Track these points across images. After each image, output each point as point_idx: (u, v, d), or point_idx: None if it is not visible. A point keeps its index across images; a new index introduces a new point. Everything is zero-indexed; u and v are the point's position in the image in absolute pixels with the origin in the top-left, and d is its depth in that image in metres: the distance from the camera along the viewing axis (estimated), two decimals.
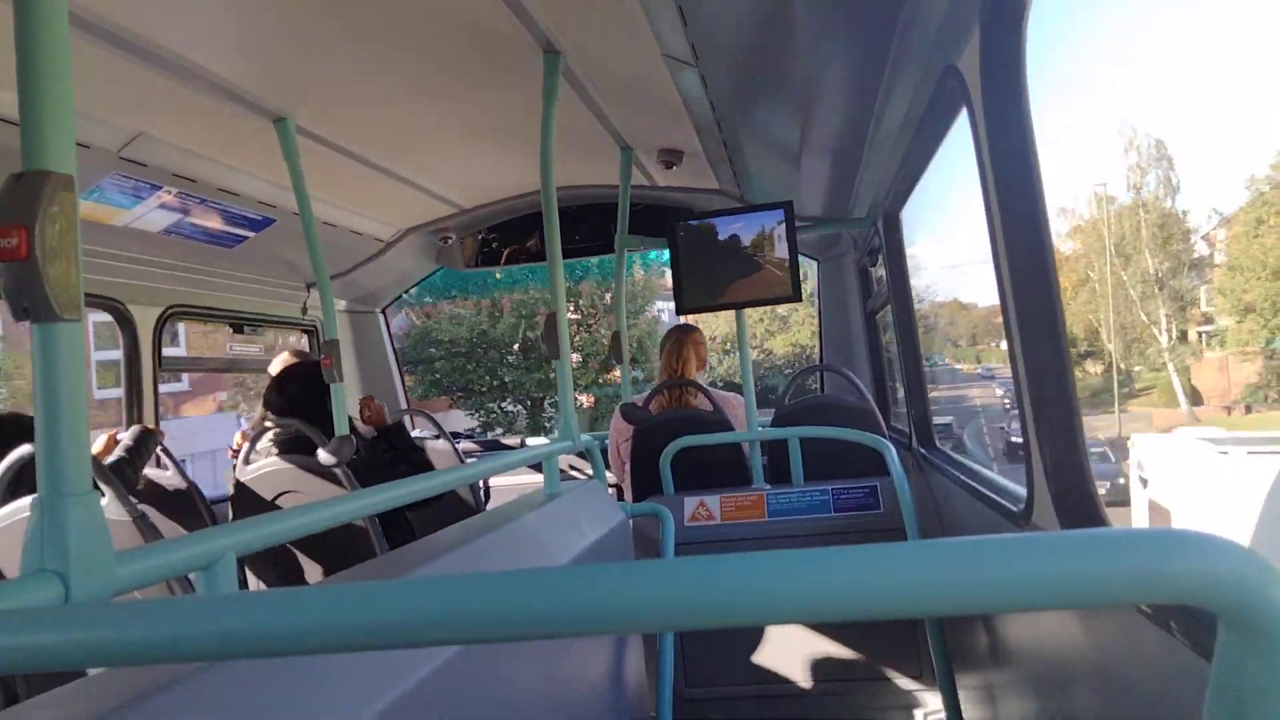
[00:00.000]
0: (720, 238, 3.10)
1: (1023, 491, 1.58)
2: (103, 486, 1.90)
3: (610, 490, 3.13)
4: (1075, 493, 1.34)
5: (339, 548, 2.35)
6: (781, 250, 3.05)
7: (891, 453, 2.82)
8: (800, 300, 3.13)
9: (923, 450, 3.00)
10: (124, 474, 2.58)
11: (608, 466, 3.79)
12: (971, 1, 1.37)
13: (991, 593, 0.49)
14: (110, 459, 2.62)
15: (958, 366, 36.88)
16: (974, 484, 2.09)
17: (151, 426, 2.78)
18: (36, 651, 0.61)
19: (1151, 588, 0.47)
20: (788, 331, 27.88)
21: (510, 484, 4.22)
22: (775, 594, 0.51)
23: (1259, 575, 0.46)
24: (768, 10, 1.89)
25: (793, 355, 26.95)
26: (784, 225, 3.05)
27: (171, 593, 1.75)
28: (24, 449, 1.94)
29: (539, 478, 2.38)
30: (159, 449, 2.83)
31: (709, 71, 2.23)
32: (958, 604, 0.49)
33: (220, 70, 2.06)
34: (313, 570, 2.46)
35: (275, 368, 3.54)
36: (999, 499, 1.83)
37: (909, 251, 3.13)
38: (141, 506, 1.95)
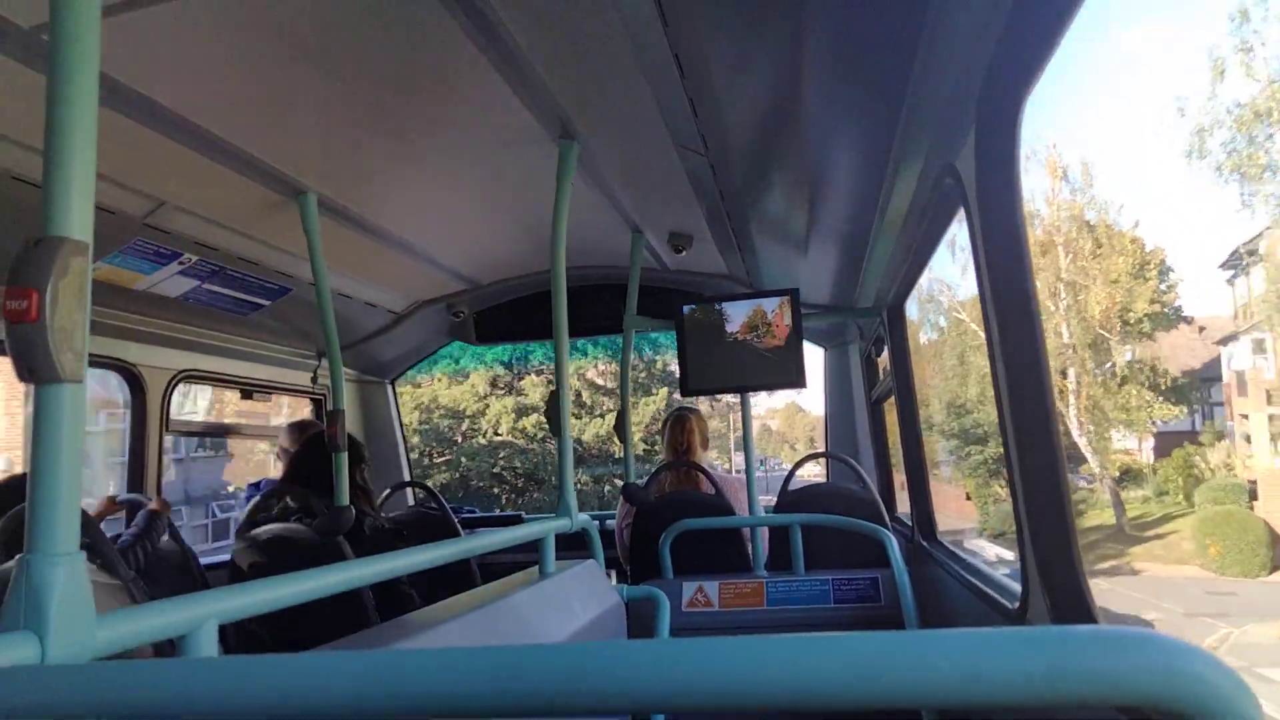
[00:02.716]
0: (726, 322, 3.13)
1: (1019, 588, 1.56)
2: (94, 548, 1.90)
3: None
4: (1068, 591, 1.32)
5: (332, 617, 2.31)
6: (787, 337, 3.07)
7: (893, 544, 2.77)
8: (804, 386, 3.14)
9: (924, 543, 2.96)
10: (135, 557, 2.57)
11: (610, 546, 3.74)
12: (968, 103, 1.42)
13: (943, 688, 0.48)
14: (120, 542, 2.61)
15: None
16: (973, 580, 2.06)
17: (157, 508, 2.77)
18: (5, 711, 0.61)
19: (1111, 690, 0.47)
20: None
21: (507, 558, 4.16)
22: (748, 678, 0.51)
23: (1217, 680, 0.46)
24: (774, 104, 1.96)
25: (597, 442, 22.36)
26: (790, 312, 3.09)
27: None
28: (20, 509, 1.94)
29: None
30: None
31: (718, 160, 2.29)
32: (899, 696, 0.48)
33: (247, 145, 2.14)
34: (307, 639, 2.41)
35: (283, 437, 3.59)
36: (996, 595, 1.80)
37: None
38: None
